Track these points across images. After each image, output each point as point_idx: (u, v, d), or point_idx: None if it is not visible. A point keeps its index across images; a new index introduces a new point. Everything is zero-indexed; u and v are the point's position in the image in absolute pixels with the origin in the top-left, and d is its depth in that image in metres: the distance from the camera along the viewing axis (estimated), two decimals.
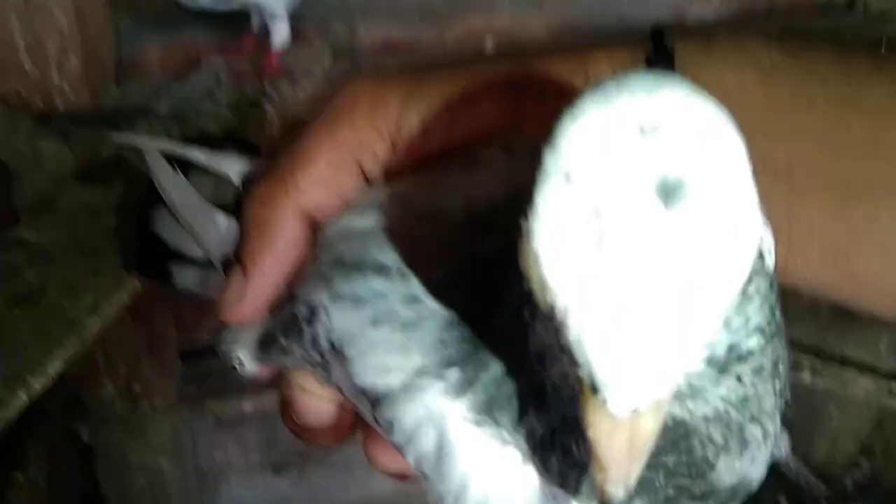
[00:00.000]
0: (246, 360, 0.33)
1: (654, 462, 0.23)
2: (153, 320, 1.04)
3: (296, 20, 0.99)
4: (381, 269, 0.26)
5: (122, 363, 1.04)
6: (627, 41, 0.29)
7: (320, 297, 0.27)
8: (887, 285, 0.28)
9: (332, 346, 0.27)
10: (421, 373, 0.25)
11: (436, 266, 0.26)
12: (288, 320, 0.29)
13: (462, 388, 0.25)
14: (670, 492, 0.24)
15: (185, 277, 0.39)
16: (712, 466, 0.24)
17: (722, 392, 0.23)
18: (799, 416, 1.61)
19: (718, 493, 0.25)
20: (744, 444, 0.24)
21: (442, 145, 0.29)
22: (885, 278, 0.28)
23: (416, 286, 0.26)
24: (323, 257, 0.29)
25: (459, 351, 0.25)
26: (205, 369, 1.11)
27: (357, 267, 0.27)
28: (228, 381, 1.12)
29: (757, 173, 0.27)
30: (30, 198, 0.74)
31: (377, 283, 0.26)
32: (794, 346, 1.11)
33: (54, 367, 0.54)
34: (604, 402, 0.18)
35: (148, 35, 1.01)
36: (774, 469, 1.42)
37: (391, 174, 0.30)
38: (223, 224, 0.35)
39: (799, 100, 0.28)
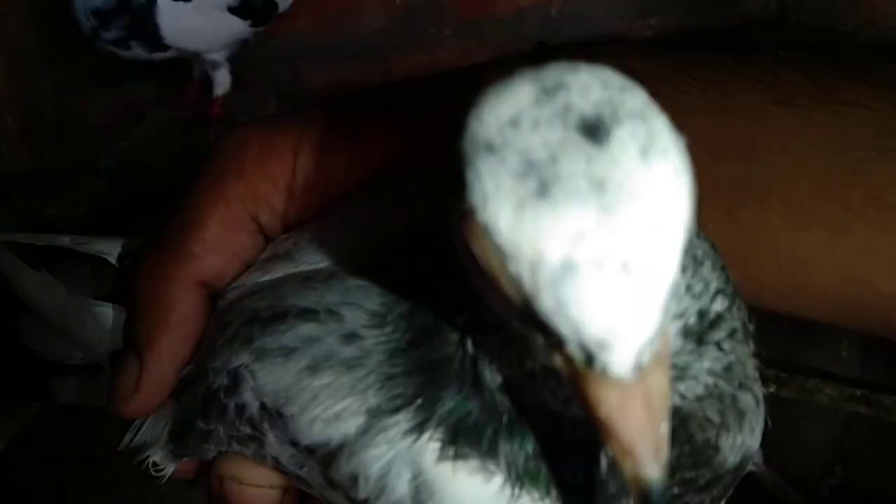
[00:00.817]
0: (161, 460, 0.29)
1: None
2: None
3: (239, 66, 0.99)
4: (307, 314, 0.24)
5: (81, 427, 1.01)
6: (521, 59, 0.30)
7: (241, 359, 0.25)
8: (781, 285, 0.28)
9: (265, 409, 0.24)
10: (378, 412, 0.23)
11: (367, 298, 0.24)
12: (203, 398, 0.26)
13: (428, 421, 0.23)
14: (675, 490, 0.23)
15: (68, 390, 0.35)
16: (717, 449, 0.23)
17: (706, 365, 0.22)
18: (772, 426, 1.61)
19: (723, 476, 0.24)
20: (740, 415, 0.23)
21: (345, 185, 0.27)
22: (779, 278, 0.28)
23: (351, 322, 0.24)
24: (233, 320, 0.26)
25: (413, 382, 0.23)
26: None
27: (278, 318, 0.25)
28: None
29: None
30: None
31: (306, 329, 0.24)
32: (758, 359, 1.12)
33: None
34: (604, 368, 0.17)
35: (89, 90, 0.99)
36: (750, 480, 1.42)
37: (293, 224, 0.28)
38: (104, 315, 0.31)
39: (678, 107, 0.28)
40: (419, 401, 0.23)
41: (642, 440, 0.17)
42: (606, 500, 0.22)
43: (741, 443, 0.24)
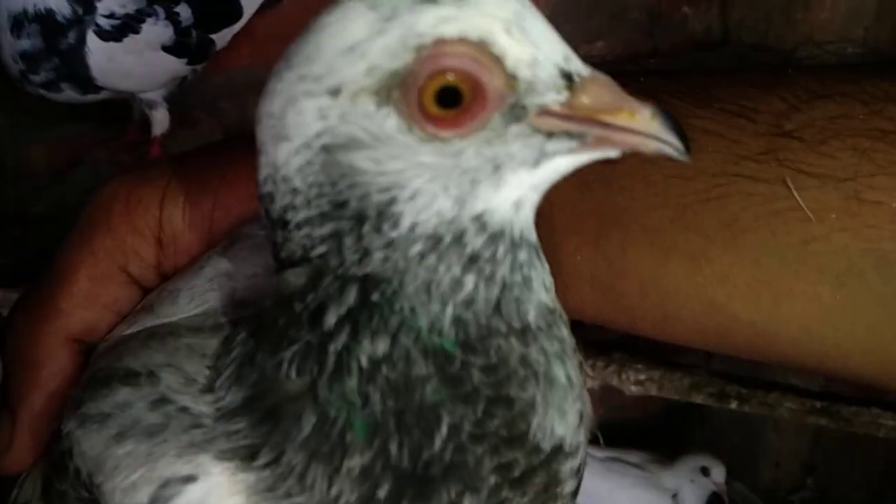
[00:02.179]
0: None
1: (478, 433, 0.22)
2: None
3: (183, 103, 0.98)
4: (129, 377, 0.25)
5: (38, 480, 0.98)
6: None
7: (69, 425, 0.25)
8: (651, 314, 0.29)
9: (89, 476, 0.25)
10: (168, 482, 0.23)
11: (189, 360, 0.25)
12: (57, 457, 0.26)
13: (226, 488, 0.23)
14: (492, 480, 0.23)
15: None
16: (528, 425, 0.23)
17: (539, 297, 0.23)
18: (740, 443, 1.62)
19: (536, 470, 0.23)
20: (550, 385, 0.23)
21: (211, 233, 0.28)
22: (648, 307, 0.29)
23: (164, 385, 0.24)
24: (82, 380, 0.27)
25: (216, 447, 0.23)
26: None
27: (106, 381, 0.25)
28: None
29: None
30: None
31: (122, 394, 0.24)
32: (720, 376, 1.12)
33: None
34: (578, 75, 0.21)
35: (29, 134, 0.98)
36: (717, 500, 1.42)
37: (170, 272, 0.29)
38: None
39: None
40: (226, 457, 0.23)
41: (630, 101, 0.22)
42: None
43: (550, 426, 0.23)
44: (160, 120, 0.87)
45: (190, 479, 0.23)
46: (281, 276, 0.22)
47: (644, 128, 0.22)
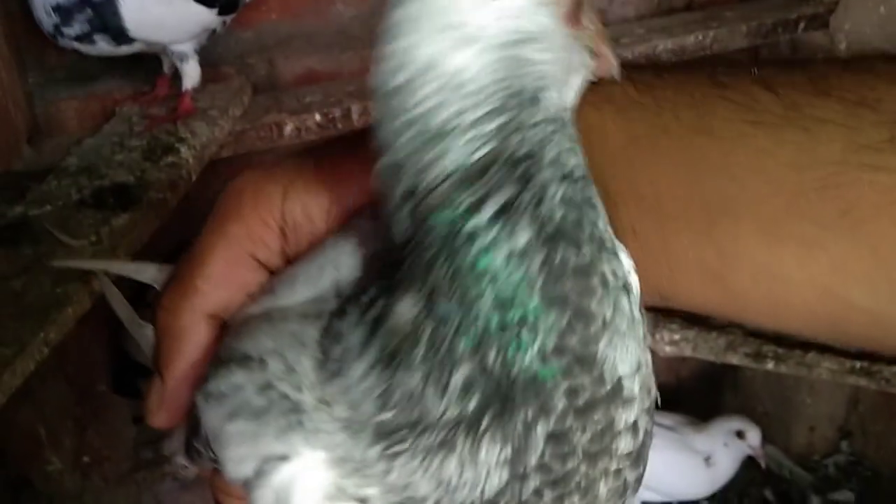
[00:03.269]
0: (186, 463, 0.34)
1: (560, 345, 0.23)
2: (96, 386, 1.00)
3: (213, 59, 0.97)
4: (244, 360, 0.28)
5: (66, 435, 0.99)
6: None
7: (199, 398, 0.29)
8: (761, 302, 0.29)
9: (212, 444, 0.28)
10: (268, 459, 0.27)
11: (292, 348, 0.28)
12: (192, 422, 0.31)
13: (314, 468, 0.26)
14: (561, 404, 0.24)
15: None
16: (597, 347, 0.24)
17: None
18: (774, 406, 1.60)
19: (600, 401, 0.24)
20: (622, 316, 0.24)
21: (327, 224, 0.31)
22: (758, 296, 0.29)
23: (271, 371, 0.27)
24: (213, 354, 0.30)
25: (305, 434, 0.26)
26: (161, 431, 1.07)
27: (226, 362, 0.28)
28: None
29: (627, 203, 0.29)
30: None
31: (238, 376, 0.28)
32: (756, 335, 1.10)
33: None
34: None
35: (62, 90, 0.98)
36: (755, 464, 1.41)
37: (293, 257, 0.32)
38: (149, 334, 0.36)
39: (655, 130, 0.29)
40: (317, 446, 0.26)
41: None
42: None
43: (613, 357, 0.24)
44: (191, 73, 0.87)
45: (284, 457, 0.26)
46: (429, 198, 0.25)
47: (611, 55, 0.27)
